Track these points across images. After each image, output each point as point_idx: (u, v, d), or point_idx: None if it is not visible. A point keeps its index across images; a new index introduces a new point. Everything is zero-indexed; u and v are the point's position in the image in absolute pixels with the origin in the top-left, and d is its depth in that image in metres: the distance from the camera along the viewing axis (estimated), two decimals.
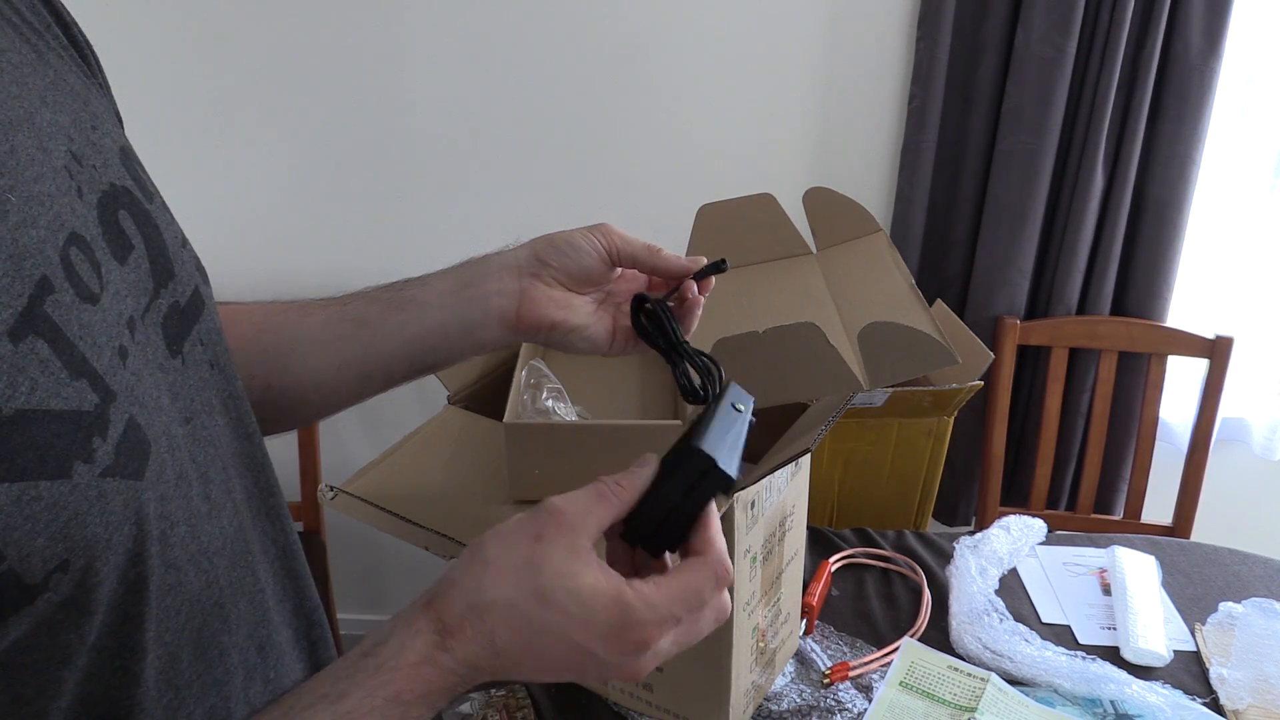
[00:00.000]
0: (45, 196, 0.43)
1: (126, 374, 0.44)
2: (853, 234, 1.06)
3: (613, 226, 0.68)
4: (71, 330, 0.42)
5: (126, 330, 0.46)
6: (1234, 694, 1.11)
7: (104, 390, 0.43)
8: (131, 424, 0.44)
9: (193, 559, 0.49)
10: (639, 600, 0.49)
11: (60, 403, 0.40)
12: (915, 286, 0.90)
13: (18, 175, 0.42)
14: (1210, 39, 1.62)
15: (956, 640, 1.17)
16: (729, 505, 0.86)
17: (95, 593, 0.42)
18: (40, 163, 0.43)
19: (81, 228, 0.44)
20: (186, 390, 0.51)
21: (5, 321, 0.38)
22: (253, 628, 0.56)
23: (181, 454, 0.49)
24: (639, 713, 1.05)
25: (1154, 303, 1.79)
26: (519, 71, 1.75)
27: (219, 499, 0.52)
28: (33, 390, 0.39)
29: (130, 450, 0.44)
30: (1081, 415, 1.86)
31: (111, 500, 0.42)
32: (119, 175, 0.50)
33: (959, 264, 1.83)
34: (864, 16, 1.72)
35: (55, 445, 0.40)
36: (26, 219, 0.41)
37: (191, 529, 0.49)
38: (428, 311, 0.68)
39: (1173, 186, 1.71)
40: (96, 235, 0.45)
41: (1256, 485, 2.03)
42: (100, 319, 0.44)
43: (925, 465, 1.53)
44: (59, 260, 0.42)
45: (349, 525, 1.98)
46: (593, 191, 1.84)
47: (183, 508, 0.48)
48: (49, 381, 0.40)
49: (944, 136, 1.74)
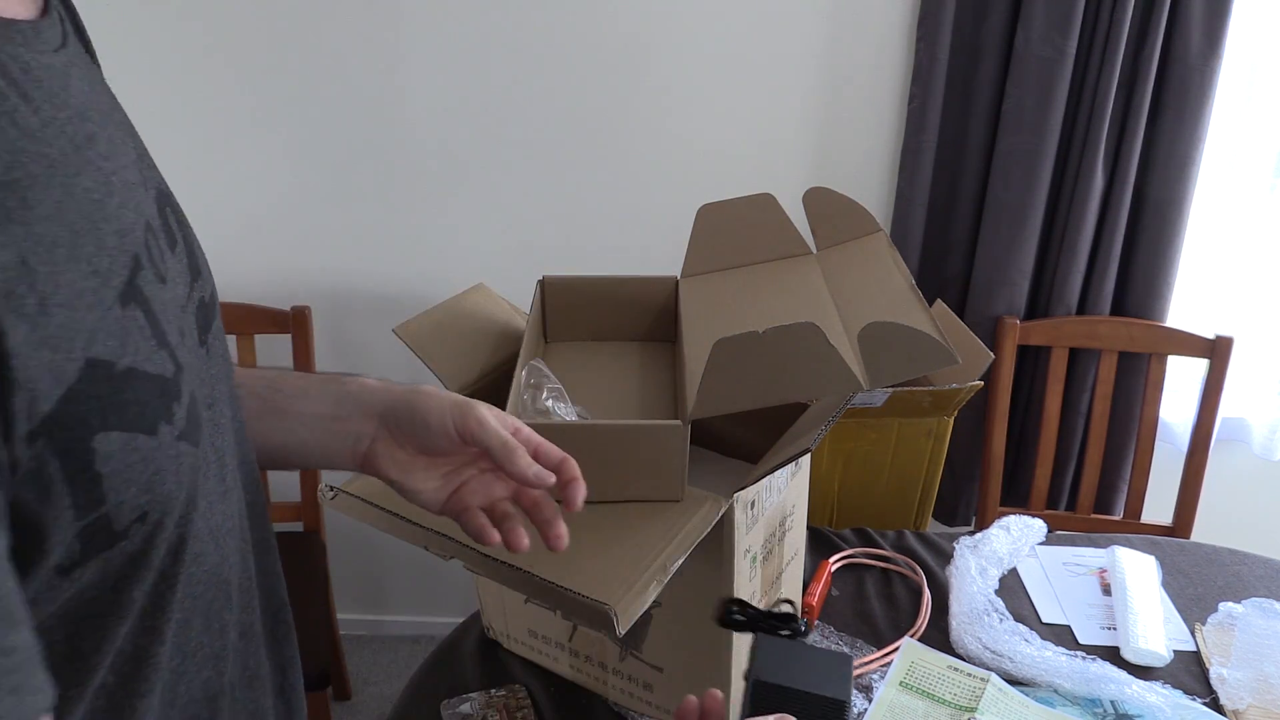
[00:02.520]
0: (131, 185, 0.48)
1: (185, 352, 0.49)
2: (853, 234, 1.06)
3: (481, 411, 0.67)
4: (155, 305, 0.47)
5: (180, 313, 0.51)
6: (1234, 694, 1.11)
7: (177, 362, 0.47)
8: (193, 396, 0.49)
9: (212, 534, 0.53)
10: None
11: (152, 367, 0.45)
12: (915, 287, 0.90)
13: (116, 161, 0.47)
14: (1210, 39, 1.62)
15: (956, 640, 1.17)
16: (729, 505, 0.86)
17: (158, 549, 0.47)
18: (123, 154, 0.49)
19: (151, 217, 0.50)
20: (209, 379, 0.55)
21: (116, 288, 0.44)
22: (243, 611, 0.58)
23: (212, 434, 0.53)
24: (639, 713, 1.05)
25: (1154, 303, 1.79)
26: (518, 72, 1.75)
27: (230, 484, 0.56)
28: (136, 352, 0.44)
29: (193, 420, 0.49)
30: (1081, 415, 1.86)
31: (182, 462, 0.47)
32: (159, 178, 0.55)
33: (959, 264, 1.83)
34: (864, 17, 1.72)
35: (149, 404, 0.45)
36: (125, 202, 0.47)
37: (210, 507, 0.53)
38: (298, 429, 0.69)
39: (1173, 186, 1.71)
40: (158, 226, 0.50)
41: (1256, 485, 2.03)
42: (170, 299, 0.49)
43: (925, 465, 1.53)
44: (143, 242, 0.48)
45: (349, 525, 1.99)
46: (593, 191, 1.84)
47: (211, 484, 0.53)
48: (145, 346, 0.45)
49: (944, 137, 1.74)
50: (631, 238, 1.85)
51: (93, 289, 0.43)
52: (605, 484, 0.86)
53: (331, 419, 0.69)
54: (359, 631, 2.24)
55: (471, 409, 0.66)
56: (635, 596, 0.75)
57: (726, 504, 0.86)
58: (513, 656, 1.14)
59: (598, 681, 1.08)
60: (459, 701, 1.07)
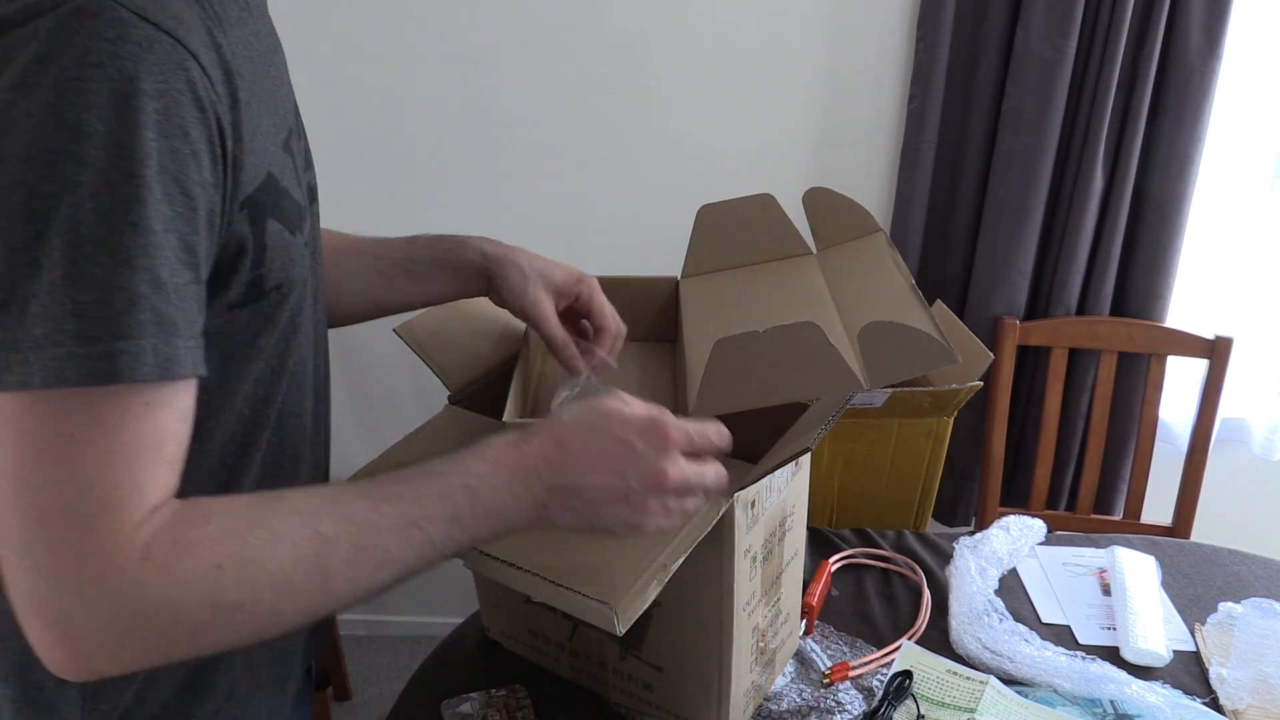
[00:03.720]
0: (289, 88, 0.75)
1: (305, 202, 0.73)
2: (852, 234, 1.06)
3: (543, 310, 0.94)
4: (297, 161, 0.72)
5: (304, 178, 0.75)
6: (1234, 694, 1.11)
7: (305, 202, 0.73)
8: (312, 229, 0.75)
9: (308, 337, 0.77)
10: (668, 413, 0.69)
11: (295, 194, 0.70)
12: (915, 287, 0.90)
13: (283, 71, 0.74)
14: (1210, 39, 1.62)
15: (956, 640, 1.17)
16: (729, 505, 0.86)
17: (284, 314, 0.71)
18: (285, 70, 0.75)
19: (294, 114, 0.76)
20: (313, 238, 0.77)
21: (280, 140, 0.68)
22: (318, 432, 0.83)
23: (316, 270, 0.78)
24: (639, 712, 1.05)
25: (1154, 303, 1.79)
26: (519, 71, 1.75)
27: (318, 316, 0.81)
28: (288, 181, 0.69)
29: (312, 241, 0.75)
30: (1081, 415, 1.86)
31: (305, 261, 0.72)
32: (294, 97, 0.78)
33: (959, 264, 1.83)
34: (864, 17, 1.72)
35: (293, 215, 0.69)
36: (287, 94, 0.74)
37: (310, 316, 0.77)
38: (433, 287, 0.98)
39: (1173, 186, 1.71)
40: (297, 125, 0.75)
41: (1256, 485, 2.03)
42: (300, 165, 0.74)
43: (925, 465, 1.53)
44: (294, 122, 0.74)
45: None
46: (593, 192, 1.84)
47: (313, 303, 0.77)
48: (292, 180, 0.70)
49: (944, 137, 1.74)
50: (631, 238, 1.84)
51: (271, 134, 0.66)
52: None
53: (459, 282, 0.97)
54: (359, 631, 2.24)
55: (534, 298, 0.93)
56: (635, 596, 0.75)
57: (726, 504, 0.86)
58: (513, 656, 1.14)
59: (598, 681, 1.08)
60: (459, 701, 1.07)
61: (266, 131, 0.65)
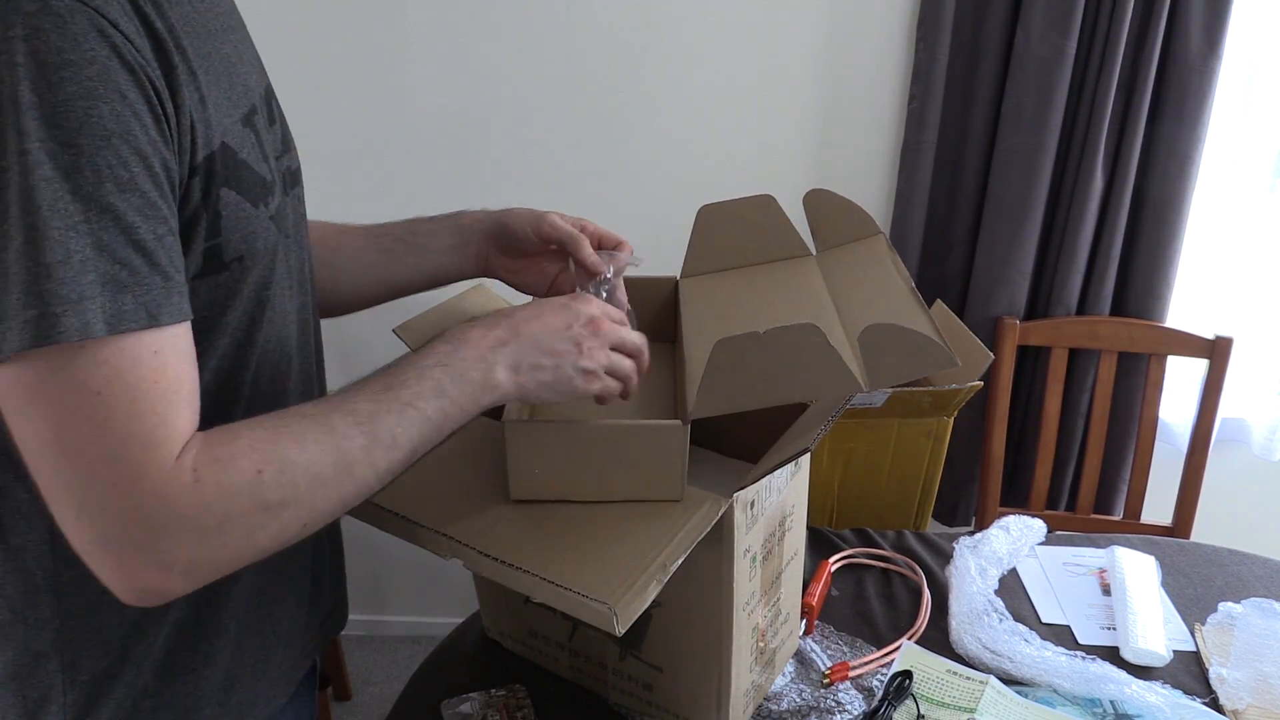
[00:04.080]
0: (251, 68, 0.76)
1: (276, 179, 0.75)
2: (852, 236, 1.06)
3: (553, 218, 0.95)
4: (261, 138, 0.73)
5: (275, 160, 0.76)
6: (1233, 694, 1.11)
7: (271, 176, 0.74)
8: (280, 206, 0.75)
9: (284, 314, 0.78)
10: None
11: (260, 169, 0.72)
12: (915, 290, 0.90)
13: (242, 50, 0.75)
14: (1210, 39, 1.62)
15: (956, 640, 1.17)
16: (729, 505, 0.86)
17: (248, 288, 0.72)
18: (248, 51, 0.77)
19: (260, 95, 0.76)
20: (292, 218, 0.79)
21: (239, 114, 0.70)
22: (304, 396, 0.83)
23: (291, 252, 0.78)
24: (639, 712, 1.05)
25: (1154, 303, 1.79)
26: (519, 72, 1.75)
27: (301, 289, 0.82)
28: (249, 154, 0.70)
29: (280, 215, 0.75)
30: (1081, 415, 1.86)
31: (270, 235, 0.73)
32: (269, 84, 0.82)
33: (959, 264, 1.83)
34: (864, 17, 1.72)
35: (255, 187, 0.71)
36: (249, 72, 0.75)
37: (289, 296, 0.78)
38: (434, 256, 0.99)
39: (1173, 186, 1.71)
40: (262, 104, 0.76)
41: (1256, 485, 2.03)
42: (269, 142, 0.76)
43: (925, 465, 1.53)
44: (256, 100, 0.74)
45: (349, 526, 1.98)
46: (593, 192, 1.84)
47: (290, 279, 0.78)
48: (254, 154, 0.71)
49: (944, 137, 1.74)
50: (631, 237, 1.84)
51: (228, 105, 0.69)
52: (605, 484, 0.86)
53: (459, 247, 0.98)
54: (359, 631, 2.24)
55: (544, 216, 0.94)
56: (635, 596, 0.75)
57: (726, 504, 0.86)
58: (513, 656, 1.14)
59: (598, 681, 1.08)
60: (459, 701, 1.07)
61: (218, 103, 0.67)
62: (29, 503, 0.69)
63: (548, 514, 0.86)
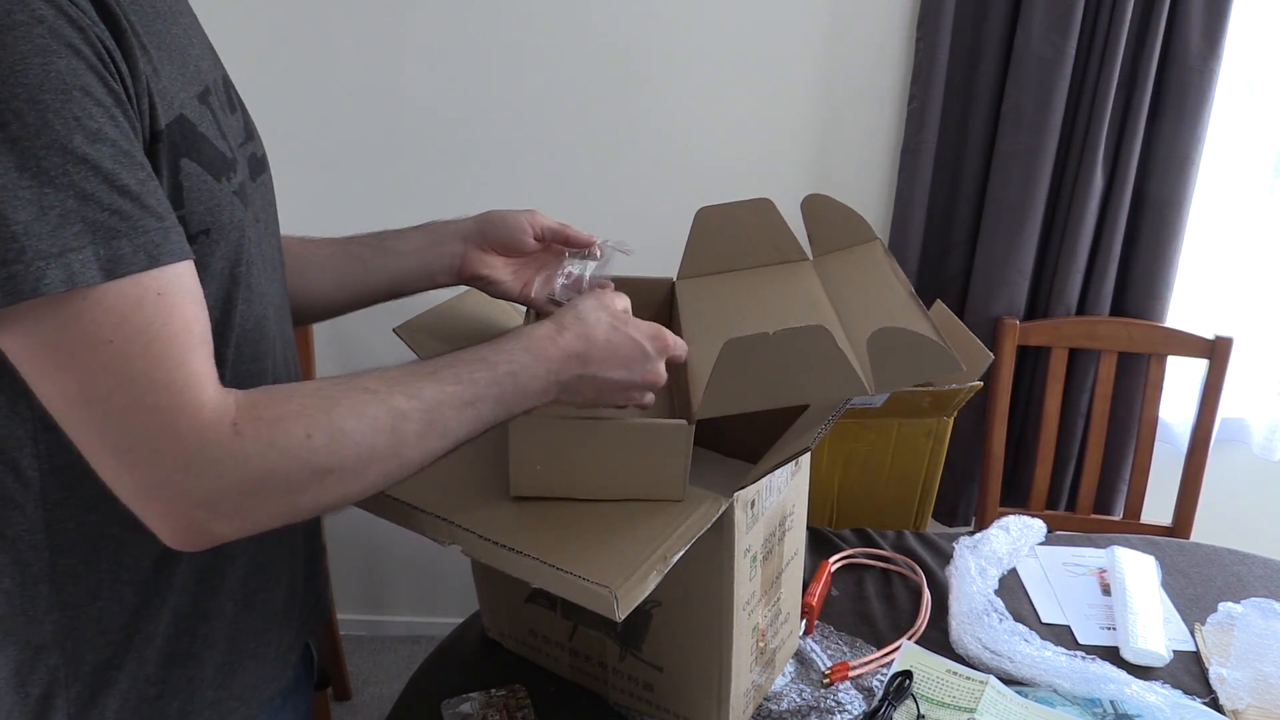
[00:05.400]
0: (204, 52, 0.75)
1: (239, 158, 0.74)
2: (849, 241, 1.06)
3: (538, 212, 0.98)
4: (219, 117, 0.73)
5: (236, 144, 0.75)
6: (1233, 694, 1.11)
7: (233, 154, 0.73)
8: (242, 184, 0.74)
9: (261, 294, 0.77)
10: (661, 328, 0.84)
11: (219, 144, 0.71)
12: (915, 294, 0.90)
13: (194, 34, 0.74)
14: (1210, 39, 1.62)
15: (956, 640, 1.17)
16: (729, 505, 0.86)
17: (217, 262, 0.70)
18: (199, 36, 0.76)
19: (216, 81, 0.75)
20: (259, 204, 0.77)
21: (195, 91, 0.70)
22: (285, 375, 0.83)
23: (262, 236, 0.77)
24: (639, 712, 1.05)
25: (1154, 303, 1.79)
26: (517, 73, 1.75)
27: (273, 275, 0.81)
28: (206, 128, 0.69)
29: (243, 193, 0.73)
30: (1081, 415, 1.86)
31: (235, 210, 0.71)
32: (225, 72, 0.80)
33: (959, 264, 1.83)
34: (864, 17, 1.72)
35: (215, 161, 0.70)
36: (201, 55, 0.74)
37: (264, 275, 0.78)
38: (404, 259, 0.98)
39: (1173, 186, 1.71)
40: (220, 90, 0.75)
41: (1256, 485, 2.03)
42: (228, 125, 0.74)
43: (925, 465, 1.53)
44: (211, 84, 0.73)
45: (349, 526, 1.99)
46: (592, 193, 1.84)
47: (260, 260, 0.76)
48: (213, 132, 0.70)
49: (944, 137, 1.74)
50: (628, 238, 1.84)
51: (182, 82, 0.68)
52: (607, 482, 0.86)
53: (430, 246, 0.98)
54: (359, 631, 2.24)
55: (533, 212, 0.98)
56: (635, 584, 0.75)
57: (726, 503, 0.86)
58: (513, 656, 1.14)
59: (598, 681, 1.08)
60: (459, 701, 1.07)
61: (172, 77, 0.67)
62: (20, 491, 0.69)
63: (549, 507, 0.86)
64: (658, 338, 0.81)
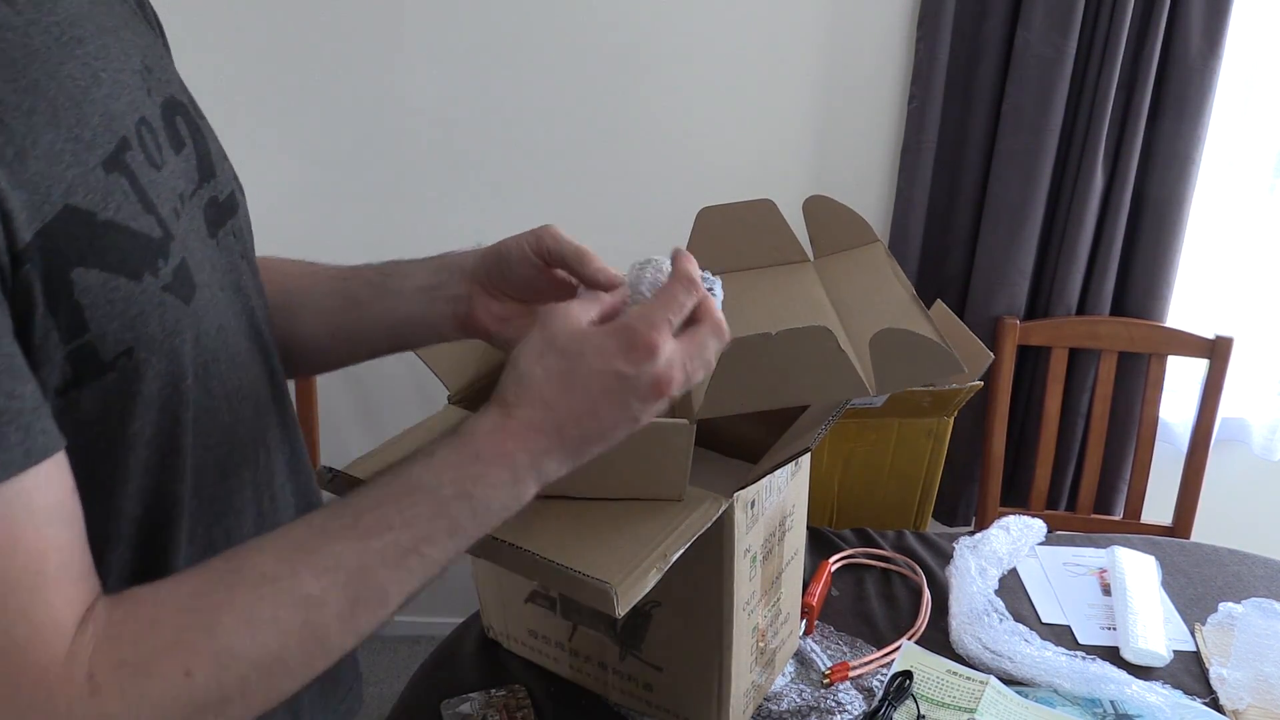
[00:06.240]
0: (125, 85, 0.57)
1: (180, 228, 0.58)
2: (850, 243, 1.06)
3: (554, 229, 0.72)
4: (143, 180, 0.55)
5: (179, 200, 0.59)
6: (1234, 694, 1.11)
7: (165, 229, 0.55)
8: (184, 263, 0.57)
9: (226, 396, 0.62)
10: (634, 317, 0.59)
11: (137, 225, 0.53)
12: (917, 297, 0.90)
13: (107, 63, 0.56)
14: (1210, 39, 1.62)
15: (956, 640, 1.17)
16: (729, 505, 0.86)
17: (150, 385, 0.54)
18: (122, 61, 0.57)
19: (150, 116, 0.58)
20: (220, 267, 0.63)
21: (100, 156, 0.52)
22: (266, 475, 0.68)
23: (222, 312, 0.62)
24: (639, 712, 1.05)
25: (1154, 303, 1.79)
26: (518, 74, 1.75)
27: (248, 358, 0.65)
28: (118, 209, 0.52)
29: (183, 280, 0.56)
30: (1081, 415, 1.86)
31: (168, 311, 0.55)
32: (179, 91, 0.64)
33: (959, 264, 1.83)
34: (864, 17, 1.72)
35: (133, 254, 0.53)
36: (113, 93, 0.55)
37: (228, 371, 0.62)
38: (404, 304, 0.77)
39: (1173, 186, 1.71)
40: (159, 126, 0.59)
41: (1256, 485, 2.03)
42: (162, 182, 0.57)
43: (925, 465, 1.53)
44: (134, 131, 0.56)
45: None
46: (593, 193, 1.84)
47: (223, 352, 0.61)
48: (129, 207, 0.53)
49: (944, 137, 1.74)
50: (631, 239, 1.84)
51: (73, 151, 0.51)
52: (606, 480, 0.86)
53: (433, 289, 0.76)
54: None
55: (545, 230, 0.72)
56: (635, 581, 0.75)
57: (726, 503, 0.86)
58: (513, 656, 1.14)
59: (598, 681, 1.08)
60: (459, 701, 1.07)
61: (53, 154, 0.50)
62: None
63: (548, 506, 0.86)
64: (633, 348, 0.58)
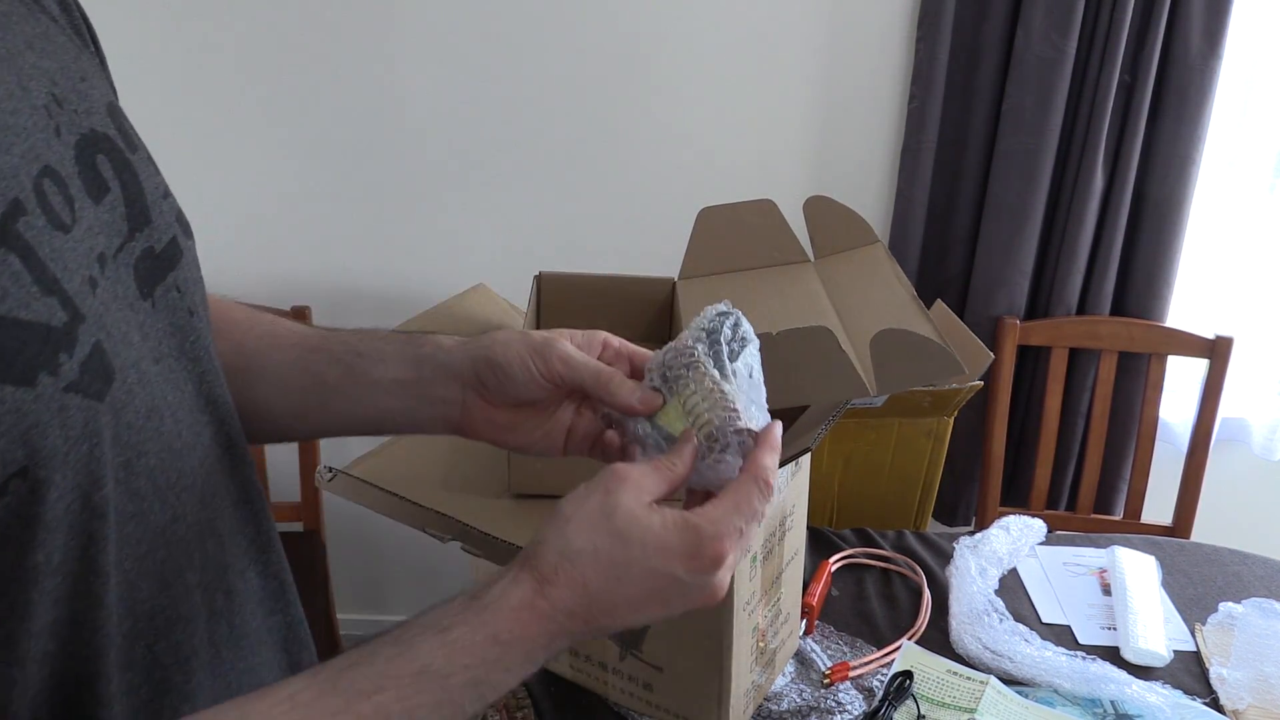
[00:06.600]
0: (21, 129, 0.45)
1: (95, 302, 0.47)
2: (850, 244, 1.06)
3: (563, 347, 0.62)
4: (43, 251, 0.44)
5: (97, 264, 0.48)
6: (1234, 694, 1.11)
7: (73, 311, 0.45)
8: (98, 348, 0.46)
9: (159, 491, 0.51)
10: (704, 520, 0.53)
11: (29, 314, 0.42)
12: (917, 298, 0.90)
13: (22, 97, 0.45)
14: (1210, 39, 1.62)
15: (956, 640, 1.17)
16: None
17: (54, 507, 0.44)
18: (18, 98, 0.46)
19: (57, 163, 0.47)
20: (156, 332, 0.53)
21: None
22: (220, 571, 0.57)
23: (154, 390, 0.51)
24: (639, 713, 1.05)
25: (1154, 303, 1.79)
26: (518, 74, 1.75)
27: (189, 440, 0.54)
28: (3, 298, 0.41)
29: (95, 371, 0.45)
30: (1081, 415, 1.86)
31: (73, 415, 0.44)
32: (102, 123, 0.52)
33: (959, 264, 1.83)
34: (864, 17, 1.72)
35: (23, 353, 0.42)
36: (6, 146, 0.44)
37: (161, 462, 0.51)
38: (381, 397, 0.66)
39: (1173, 186, 1.71)
40: (72, 173, 0.48)
41: (1256, 485, 2.03)
42: (71, 247, 0.46)
43: (925, 465, 1.53)
44: (32, 188, 0.44)
45: (349, 526, 1.99)
46: (593, 193, 1.84)
47: (154, 440, 0.50)
48: (20, 293, 0.42)
49: (944, 137, 1.74)
50: (631, 239, 1.84)
51: None
52: None
53: (414, 383, 0.65)
54: (359, 631, 2.23)
55: (552, 349, 0.62)
56: None
57: None
58: None
59: (598, 681, 1.08)
60: None
61: None
62: None
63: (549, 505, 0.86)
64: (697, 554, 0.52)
